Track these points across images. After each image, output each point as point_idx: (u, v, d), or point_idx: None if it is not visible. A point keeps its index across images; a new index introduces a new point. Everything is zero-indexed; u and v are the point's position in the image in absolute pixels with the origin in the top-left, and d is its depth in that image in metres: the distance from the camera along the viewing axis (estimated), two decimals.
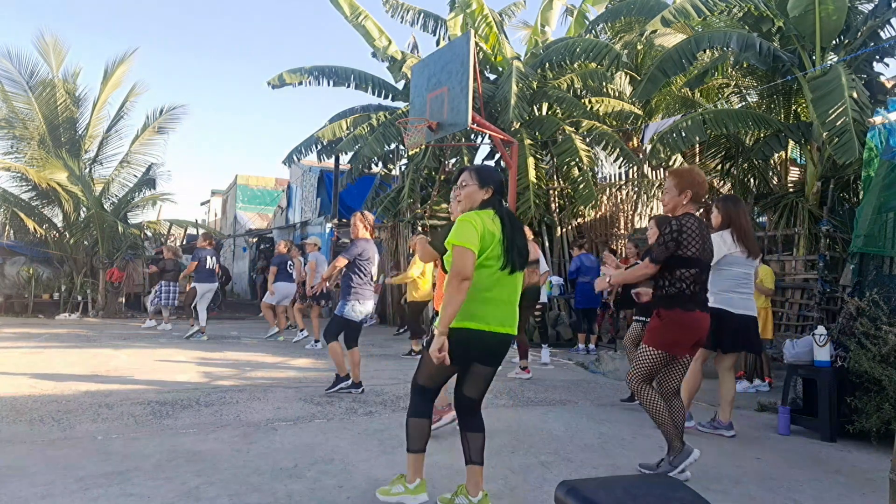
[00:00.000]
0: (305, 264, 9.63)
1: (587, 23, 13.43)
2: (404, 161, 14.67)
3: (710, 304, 4.37)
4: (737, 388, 6.59)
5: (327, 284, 7.16)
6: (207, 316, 10.23)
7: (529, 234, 5.65)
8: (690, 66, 9.95)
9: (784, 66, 9.21)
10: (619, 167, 12.57)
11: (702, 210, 3.86)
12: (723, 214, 4.59)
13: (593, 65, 11.93)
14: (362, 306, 5.58)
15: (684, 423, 3.83)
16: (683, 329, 3.61)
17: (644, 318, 5.40)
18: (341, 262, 5.61)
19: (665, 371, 3.76)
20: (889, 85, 9.77)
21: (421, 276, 8.25)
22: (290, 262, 9.93)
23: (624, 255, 9.56)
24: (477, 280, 2.79)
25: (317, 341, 8.95)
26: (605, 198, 12.55)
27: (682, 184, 3.64)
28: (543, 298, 7.59)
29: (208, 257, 10.08)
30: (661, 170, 12.43)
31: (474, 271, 2.77)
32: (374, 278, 5.89)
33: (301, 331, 9.47)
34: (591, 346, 9.33)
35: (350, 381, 5.65)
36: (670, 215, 3.75)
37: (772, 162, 10.96)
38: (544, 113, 12.67)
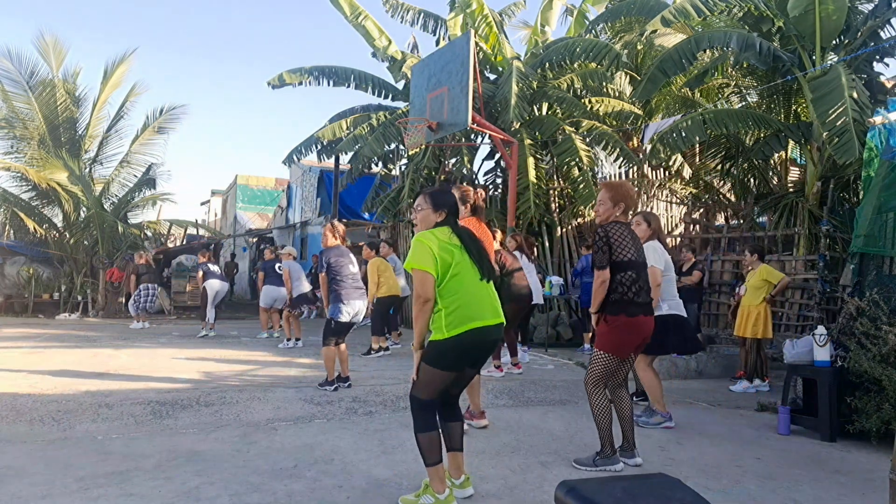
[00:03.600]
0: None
1: (587, 23, 13.40)
2: (404, 161, 14.65)
3: (666, 312, 4.80)
4: (737, 389, 6.63)
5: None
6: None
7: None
8: (690, 66, 9.95)
9: (784, 66, 9.21)
10: (619, 167, 12.56)
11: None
12: (654, 228, 4.92)
13: (593, 65, 11.91)
14: (347, 306, 5.84)
15: (632, 413, 3.99)
16: (629, 333, 3.79)
17: None
18: (322, 278, 5.93)
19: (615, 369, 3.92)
20: (889, 85, 9.78)
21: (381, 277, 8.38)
22: (278, 266, 10.08)
23: None
24: (458, 287, 2.98)
25: (297, 339, 9.18)
26: None
27: (616, 196, 3.89)
28: (539, 300, 7.59)
29: (210, 266, 10.77)
30: (661, 170, 12.43)
31: (451, 283, 2.97)
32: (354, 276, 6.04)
33: (287, 339, 9.45)
34: None
35: (334, 386, 5.82)
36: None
37: (772, 162, 10.96)
38: (544, 113, 12.65)
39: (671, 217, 12.85)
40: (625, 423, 3.89)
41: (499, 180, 13.51)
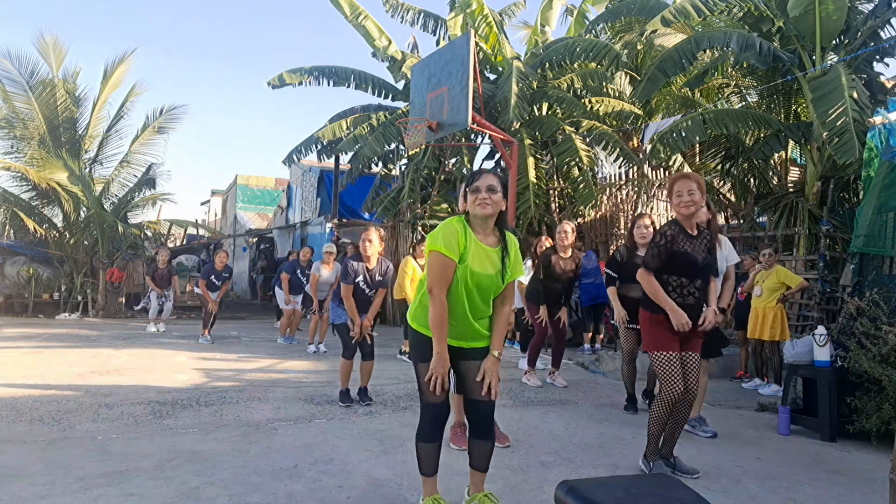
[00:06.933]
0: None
1: (587, 23, 13.41)
2: (404, 161, 14.66)
3: None
4: (766, 392, 6.59)
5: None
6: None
7: None
8: (690, 66, 9.95)
9: (784, 66, 9.21)
10: (619, 167, 12.56)
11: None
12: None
13: (593, 65, 11.91)
14: None
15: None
16: None
17: (636, 326, 5.26)
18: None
19: None
20: (889, 85, 9.77)
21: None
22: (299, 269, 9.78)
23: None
24: None
25: (319, 343, 8.82)
26: (605, 198, 12.55)
27: (703, 187, 3.79)
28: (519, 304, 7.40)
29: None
30: (661, 170, 12.42)
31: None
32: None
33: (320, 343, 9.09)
34: (598, 345, 9.25)
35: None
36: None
37: (772, 162, 10.95)
38: (544, 113, 12.65)
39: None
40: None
41: None
